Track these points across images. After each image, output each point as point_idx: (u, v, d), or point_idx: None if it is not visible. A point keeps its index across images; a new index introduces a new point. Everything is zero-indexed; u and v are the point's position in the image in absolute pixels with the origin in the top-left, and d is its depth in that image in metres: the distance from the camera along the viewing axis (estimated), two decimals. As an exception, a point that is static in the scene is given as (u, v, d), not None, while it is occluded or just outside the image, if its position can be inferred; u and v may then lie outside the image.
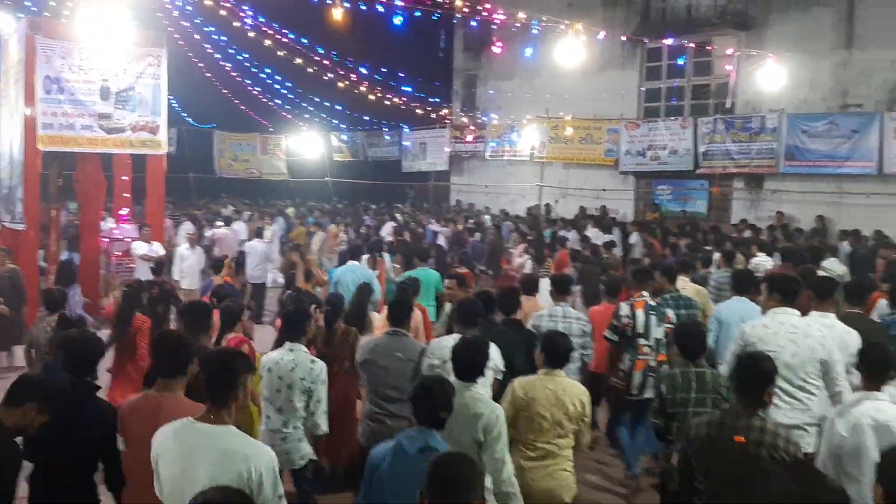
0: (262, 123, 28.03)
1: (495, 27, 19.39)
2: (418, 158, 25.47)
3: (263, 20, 19.75)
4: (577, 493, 4.59)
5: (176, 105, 22.58)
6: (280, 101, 25.50)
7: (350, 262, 9.60)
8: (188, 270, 12.41)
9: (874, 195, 16.20)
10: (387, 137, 26.49)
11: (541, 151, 21.71)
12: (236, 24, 18.56)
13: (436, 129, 25.07)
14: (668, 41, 18.47)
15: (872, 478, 2.99)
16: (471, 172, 24.80)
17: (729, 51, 18.03)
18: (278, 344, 5.25)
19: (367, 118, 27.09)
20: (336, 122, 27.46)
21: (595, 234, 15.52)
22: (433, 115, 23.95)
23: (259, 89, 25.15)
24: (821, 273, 7.71)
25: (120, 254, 12.56)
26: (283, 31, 20.49)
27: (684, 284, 7.85)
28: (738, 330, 5.42)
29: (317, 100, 25.40)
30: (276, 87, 24.93)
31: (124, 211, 13.27)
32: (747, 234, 15.23)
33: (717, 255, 10.65)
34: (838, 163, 16.35)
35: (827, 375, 4.91)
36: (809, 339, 4.96)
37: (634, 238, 15.72)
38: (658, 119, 19.91)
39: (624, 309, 6.46)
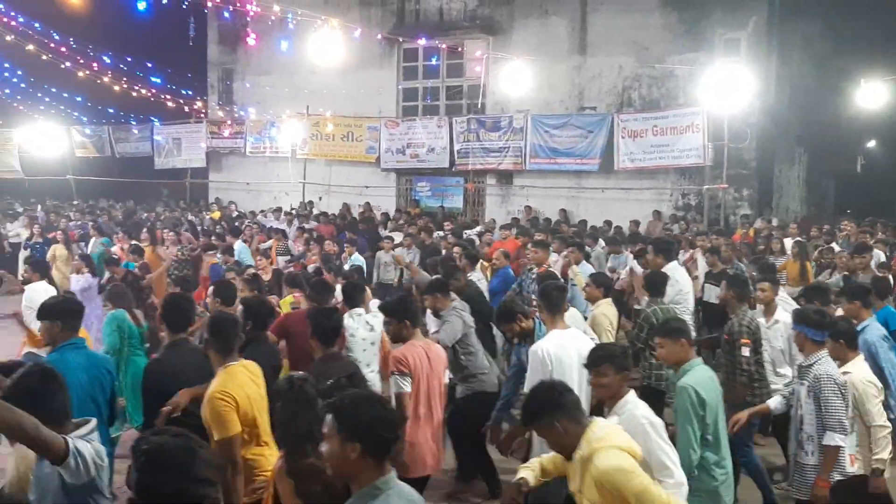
0: (-11, 115, 25.17)
1: (250, 19, 18.87)
2: (172, 154, 24.04)
3: (-14, 1, 17.81)
4: None
5: None
6: (9, 91, 23.05)
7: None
8: None
9: (607, 189, 17.81)
10: (136, 132, 24.70)
11: (302, 148, 21.44)
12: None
13: (191, 124, 23.84)
14: (422, 42, 18.99)
15: None
16: (230, 169, 23.91)
17: (478, 53, 18.93)
18: None
19: (112, 111, 25.20)
20: (77, 114, 25.29)
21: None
22: (186, 109, 22.76)
23: (-17, 77, 22.63)
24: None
25: None
26: (12, 13, 18.61)
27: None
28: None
29: (54, 90, 23.26)
30: (5, 75, 22.58)
31: None
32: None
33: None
34: (576, 160, 17.74)
35: None
36: None
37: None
38: (416, 118, 20.43)
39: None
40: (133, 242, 12.02)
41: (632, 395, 3.89)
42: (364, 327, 5.83)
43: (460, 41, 19.56)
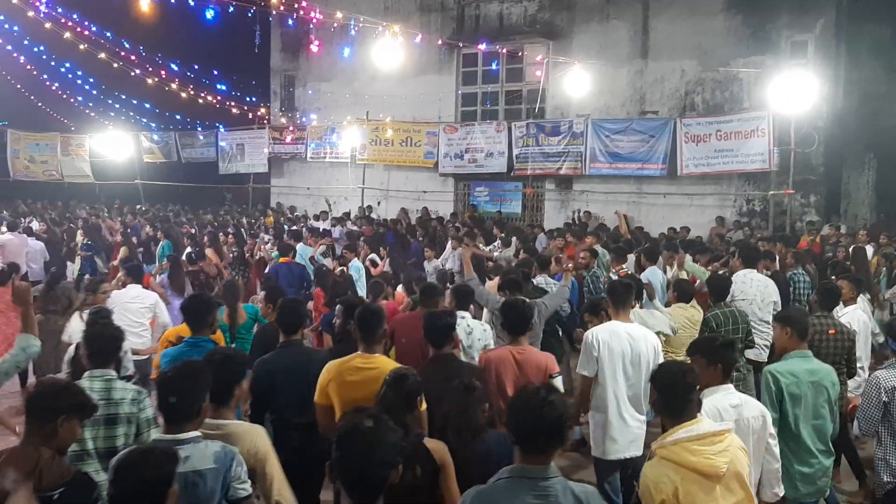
0: (63, 122, 26.06)
1: (313, 27, 19.17)
2: (236, 160, 24.59)
3: (61, 11, 18.40)
4: None
5: (-40, 100, 20.62)
6: (82, 98, 23.86)
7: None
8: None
9: (669, 195, 17.58)
10: (201, 138, 25.32)
11: (362, 153, 21.69)
12: (30, 13, 17.14)
13: (254, 130, 24.35)
14: (482, 47, 19.03)
15: None
16: (291, 174, 24.35)
17: (538, 58, 18.89)
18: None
19: (179, 117, 25.90)
20: (145, 121, 26.08)
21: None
22: (250, 115, 23.25)
23: (58, 85, 23.43)
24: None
25: None
26: (85, 23, 19.20)
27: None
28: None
29: (123, 97, 24.02)
30: (78, 82, 23.35)
31: None
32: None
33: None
34: (637, 165, 17.54)
35: None
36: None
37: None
38: (475, 123, 20.44)
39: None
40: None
41: (715, 390, 3.95)
42: (464, 330, 5.85)
43: (520, 46, 19.53)
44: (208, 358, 3.80)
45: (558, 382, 4.88)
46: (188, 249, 13.02)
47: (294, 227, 15.89)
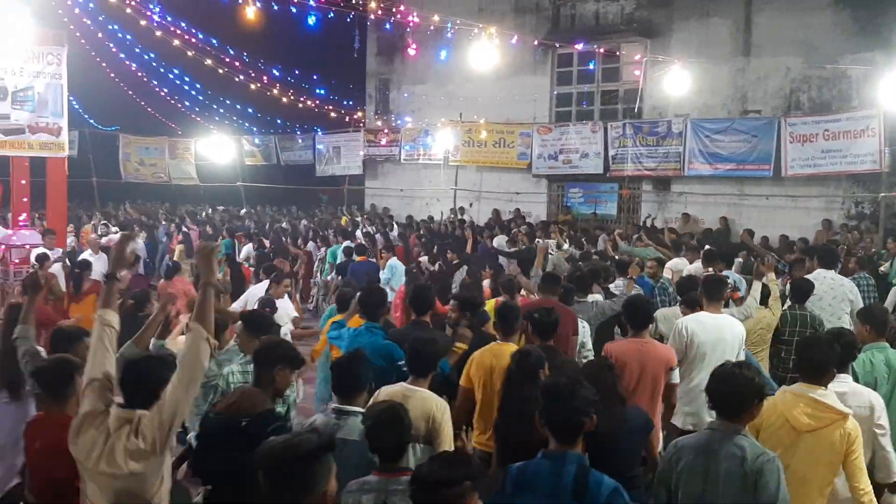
0: (171, 126, 27.27)
1: (408, 31, 19.45)
2: (332, 162, 25.15)
3: (171, 19, 19.25)
4: None
5: (77, 106, 21.77)
6: (189, 104, 24.89)
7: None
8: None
9: (772, 197, 17.04)
10: (300, 141, 26.03)
11: (455, 155, 21.81)
12: (143, 22, 18.01)
13: (350, 133, 24.85)
14: (579, 47, 18.85)
15: None
16: (385, 176, 24.72)
17: (636, 57, 18.60)
18: None
19: (279, 121, 26.71)
20: (248, 125, 26.99)
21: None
22: (347, 119, 23.75)
23: (166, 91, 24.51)
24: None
25: (18, 261, 11.97)
26: (192, 30, 20.03)
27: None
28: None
29: (227, 102, 24.92)
30: (185, 88, 24.36)
31: (23, 217, 12.69)
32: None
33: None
34: (739, 166, 17.05)
35: None
36: None
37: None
38: (569, 123, 20.28)
39: None
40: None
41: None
42: None
43: (617, 45, 19.27)
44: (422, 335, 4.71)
45: (676, 374, 5.24)
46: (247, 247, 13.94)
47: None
